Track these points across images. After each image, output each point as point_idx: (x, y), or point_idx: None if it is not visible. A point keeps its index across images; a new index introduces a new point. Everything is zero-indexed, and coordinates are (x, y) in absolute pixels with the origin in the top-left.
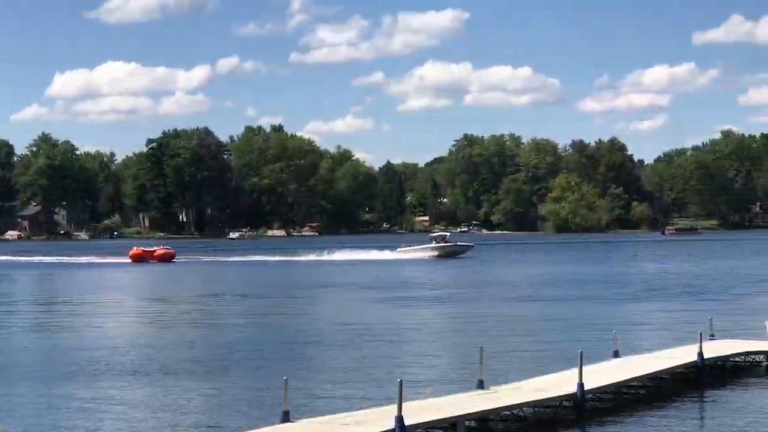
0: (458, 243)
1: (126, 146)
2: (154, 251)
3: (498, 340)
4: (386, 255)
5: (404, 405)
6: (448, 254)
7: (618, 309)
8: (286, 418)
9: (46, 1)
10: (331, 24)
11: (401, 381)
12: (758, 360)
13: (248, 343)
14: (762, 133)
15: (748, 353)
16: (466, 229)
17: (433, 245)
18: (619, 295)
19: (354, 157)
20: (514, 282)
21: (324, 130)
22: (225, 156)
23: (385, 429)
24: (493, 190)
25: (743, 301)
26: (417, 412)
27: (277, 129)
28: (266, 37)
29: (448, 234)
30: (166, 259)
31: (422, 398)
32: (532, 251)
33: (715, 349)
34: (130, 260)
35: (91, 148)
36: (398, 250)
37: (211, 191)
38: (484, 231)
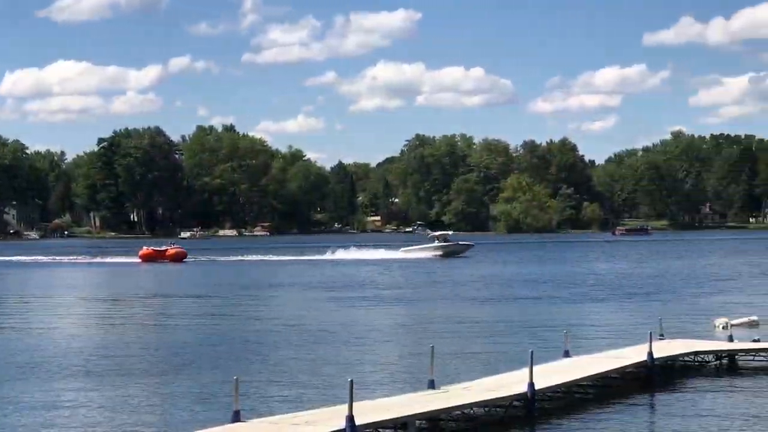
0: (459, 242)
1: (77, 145)
2: (166, 251)
3: (450, 340)
4: (392, 254)
5: (355, 405)
6: (450, 253)
7: (569, 309)
8: (236, 417)
9: None
10: (283, 24)
11: (352, 381)
12: (707, 360)
13: (202, 342)
14: (712, 134)
15: (697, 353)
16: (411, 229)
17: (436, 244)
18: (570, 295)
19: (305, 157)
20: (467, 282)
21: (276, 130)
22: (176, 156)
23: (335, 429)
24: (445, 191)
25: (693, 301)
26: (368, 411)
27: (229, 129)
28: (218, 36)
29: (450, 233)
30: (178, 258)
31: (373, 398)
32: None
33: (665, 348)
34: (139, 260)
35: (42, 148)
36: (402, 249)
37: (163, 191)
38: (429, 231)
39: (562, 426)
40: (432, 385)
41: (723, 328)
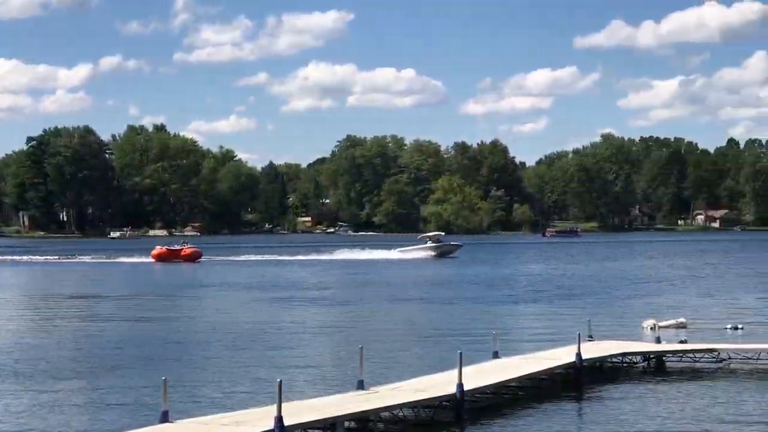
0: (450, 243)
1: (6, 144)
2: (181, 250)
3: (379, 340)
4: (390, 255)
5: (284, 405)
6: (443, 253)
7: (498, 310)
8: (165, 418)
9: None
10: (215, 24)
11: (281, 381)
12: (635, 361)
13: (133, 343)
14: (641, 137)
15: (625, 354)
16: (333, 230)
17: (430, 245)
18: (500, 296)
19: (237, 158)
20: (398, 283)
21: (207, 130)
22: (107, 155)
23: (264, 429)
24: (376, 192)
25: (622, 302)
26: (297, 412)
27: (160, 128)
28: (150, 35)
29: (442, 234)
30: (193, 258)
31: (302, 399)
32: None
33: (594, 350)
34: (152, 260)
35: None
36: (399, 250)
37: (93, 190)
38: (350, 232)
39: (491, 427)
40: (361, 385)
41: (651, 329)
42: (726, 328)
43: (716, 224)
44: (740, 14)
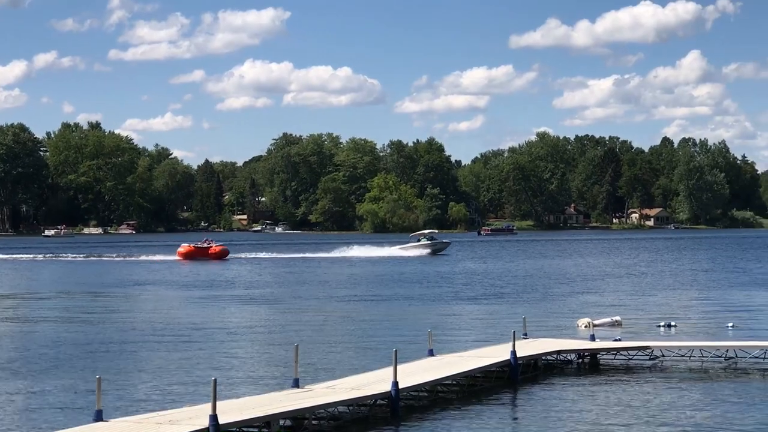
0: (442, 240)
1: None
2: (209, 248)
3: (315, 339)
4: (393, 252)
5: (219, 404)
6: (437, 251)
7: (434, 308)
8: (98, 417)
9: None
10: (150, 21)
11: (215, 380)
12: (570, 358)
13: (67, 342)
14: (576, 136)
15: (560, 352)
16: (260, 228)
17: (425, 243)
18: (436, 294)
19: (172, 156)
20: (335, 281)
21: (143, 128)
22: (41, 153)
23: (198, 428)
24: (312, 190)
25: (557, 301)
26: (232, 410)
27: (95, 126)
28: (85, 33)
29: (435, 231)
30: (221, 256)
31: (238, 397)
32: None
33: (529, 347)
34: (180, 258)
35: None
36: (399, 247)
37: (27, 188)
38: (278, 230)
39: (426, 424)
40: (296, 384)
41: (585, 327)
42: (659, 326)
43: (650, 222)
44: (675, 14)
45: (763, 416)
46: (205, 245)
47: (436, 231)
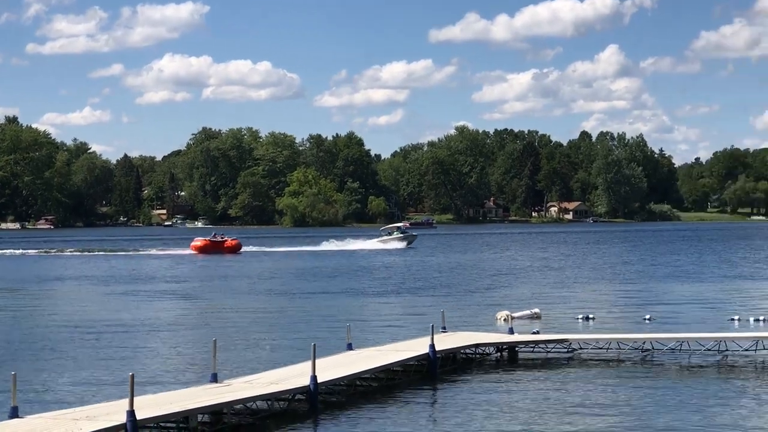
0: (412, 233)
1: None
2: (225, 241)
3: (234, 333)
4: (370, 245)
5: (137, 399)
6: (410, 242)
7: (354, 302)
8: (14, 414)
9: None
10: (68, 15)
11: (132, 375)
12: (488, 352)
13: None
14: (496, 129)
15: (478, 345)
16: (171, 223)
17: (401, 235)
18: (355, 288)
19: (91, 150)
20: (257, 275)
21: (61, 122)
22: None
23: (116, 423)
24: (231, 184)
25: (477, 294)
26: (149, 406)
27: (12, 120)
28: (2, 26)
29: (407, 224)
30: (236, 249)
31: (156, 392)
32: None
33: (447, 341)
34: (195, 252)
35: None
36: (377, 240)
37: None
38: (188, 225)
39: (345, 418)
40: (215, 378)
41: (504, 320)
42: (578, 319)
43: (569, 216)
44: (593, 8)
45: (678, 408)
46: (220, 239)
47: (408, 224)
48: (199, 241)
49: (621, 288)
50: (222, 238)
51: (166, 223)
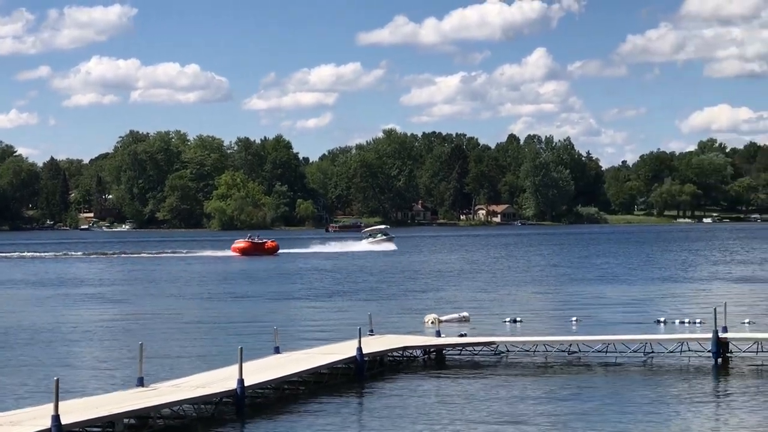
0: (391, 235)
1: None
2: (265, 243)
3: (161, 337)
4: (360, 246)
5: (62, 404)
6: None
7: (282, 305)
8: None
9: None
10: None
11: (57, 380)
12: (415, 354)
13: None
14: (424, 133)
15: (405, 348)
16: (87, 226)
17: (386, 237)
18: (284, 291)
19: (17, 153)
20: (181, 278)
21: None
22: None
23: (41, 428)
24: (159, 187)
25: (405, 297)
26: (75, 410)
27: None
28: None
29: (388, 227)
30: (274, 251)
31: (82, 397)
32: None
33: (375, 344)
34: (236, 254)
35: None
36: (367, 242)
37: None
38: (105, 228)
39: (272, 422)
40: (141, 383)
41: (432, 323)
42: (505, 321)
43: (497, 219)
44: (521, 12)
45: (603, 408)
46: (261, 241)
47: (388, 227)
48: (241, 243)
49: (549, 291)
50: (260, 240)
51: (83, 227)
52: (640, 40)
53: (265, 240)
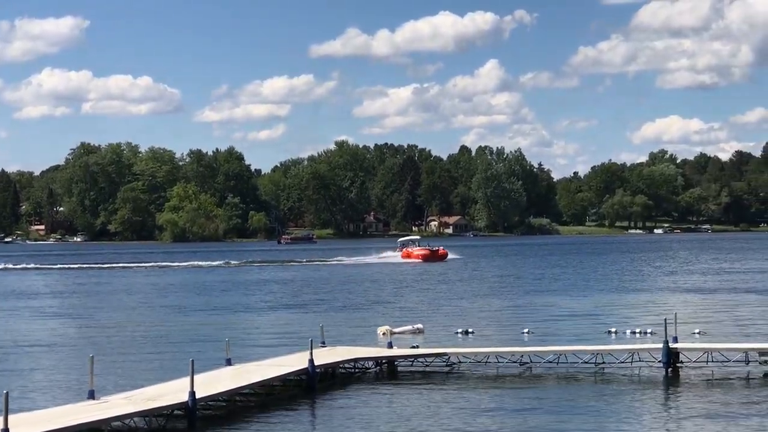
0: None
1: None
2: (438, 250)
3: (112, 350)
4: (391, 258)
5: (11, 417)
6: None
7: (233, 317)
8: None
9: None
10: None
11: (7, 393)
12: (367, 366)
13: None
14: (376, 144)
15: (357, 359)
16: (10, 239)
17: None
18: (236, 303)
19: None
20: (133, 289)
21: None
22: None
23: None
24: (111, 200)
25: (358, 308)
26: (24, 424)
27: None
28: None
29: (419, 237)
30: (444, 257)
31: (32, 410)
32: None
33: (326, 356)
34: (419, 260)
35: None
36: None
37: None
38: (28, 241)
39: None
40: (92, 395)
41: (384, 335)
42: (457, 333)
43: (449, 230)
44: (473, 24)
45: (554, 420)
46: (435, 248)
47: (419, 237)
48: (421, 251)
49: (501, 302)
50: (433, 247)
51: (6, 240)
52: (591, 52)
53: (438, 248)
